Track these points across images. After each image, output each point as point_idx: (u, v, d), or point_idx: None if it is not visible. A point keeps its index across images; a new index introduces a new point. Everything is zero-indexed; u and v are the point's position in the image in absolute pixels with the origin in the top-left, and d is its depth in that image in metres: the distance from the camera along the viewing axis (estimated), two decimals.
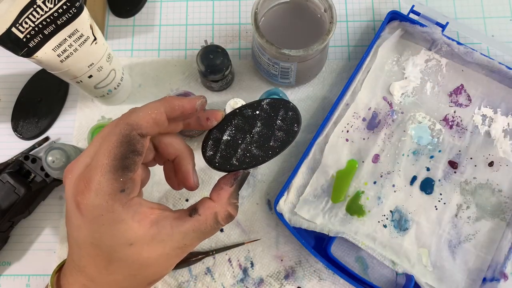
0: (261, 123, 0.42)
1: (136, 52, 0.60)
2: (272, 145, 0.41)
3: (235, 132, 0.42)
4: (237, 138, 0.42)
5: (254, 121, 0.42)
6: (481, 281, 0.49)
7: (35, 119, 0.57)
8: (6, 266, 0.53)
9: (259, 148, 0.42)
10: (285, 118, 0.42)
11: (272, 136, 0.42)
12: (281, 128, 0.42)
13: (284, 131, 0.42)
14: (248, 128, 0.42)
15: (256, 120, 0.42)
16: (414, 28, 0.56)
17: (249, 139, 0.42)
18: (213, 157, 0.41)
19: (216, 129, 0.41)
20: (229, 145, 0.41)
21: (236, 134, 0.42)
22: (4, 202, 0.50)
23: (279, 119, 0.42)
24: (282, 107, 0.42)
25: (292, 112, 0.41)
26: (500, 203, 0.52)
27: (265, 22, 0.52)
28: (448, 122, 0.55)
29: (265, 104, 0.41)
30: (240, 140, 0.41)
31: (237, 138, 0.42)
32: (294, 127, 0.41)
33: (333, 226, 0.51)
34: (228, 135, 0.41)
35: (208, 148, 0.40)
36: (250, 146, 0.42)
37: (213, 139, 0.41)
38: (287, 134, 0.41)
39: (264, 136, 0.42)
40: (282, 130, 0.42)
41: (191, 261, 0.52)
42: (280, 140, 0.42)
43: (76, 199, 0.27)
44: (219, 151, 0.41)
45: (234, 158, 0.41)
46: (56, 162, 0.48)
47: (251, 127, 0.42)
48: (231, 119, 0.41)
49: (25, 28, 0.40)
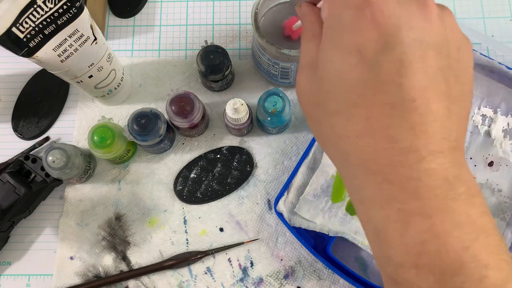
0: (221, 164, 0.53)
1: (137, 52, 0.60)
2: (229, 182, 0.53)
3: (200, 171, 0.53)
4: (201, 176, 0.53)
5: (216, 162, 0.54)
6: None
7: (35, 119, 0.57)
8: (6, 266, 0.53)
9: (219, 184, 0.53)
10: (240, 160, 0.54)
11: (229, 174, 0.53)
12: (236, 168, 0.53)
13: (239, 171, 0.54)
14: (210, 168, 0.53)
15: (217, 162, 0.54)
16: None
17: (211, 177, 0.53)
18: (182, 191, 0.53)
19: (186, 168, 0.54)
20: (195, 181, 0.53)
21: (201, 172, 0.53)
22: (4, 202, 0.50)
23: (235, 161, 0.53)
24: (237, 151, 0.54)
25: (246, 156, 0.54)
26: (500, 203, 0.52)
27: (265, 22, 0.53)
28: None
29: (224, 149, 0.54)
30: (204, 178, 0.53)
31: (202, 176, 0.53)
32: (247, 167, 0.54)
33: (333, 226, 0.51)
34: (194, 173, 0.53)
35: (178, 183, 0.53)
36: (212, 182, 0.53)
37: (182, 176, 0.53)
38: (241, 173, 0.54)
39: (223, 175, 0.53)
40: (237, 170, 0.53)
41: (191, 260, 0.52)
42: (236, 177, 0.53)
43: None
44: (187, 186, 0.53)
45: (199, 192, 0.53)
46: (56, 162, 0.48)
47: (213, 167, 0.53)
48: (198, 161, 0.54)
49: (25, 28, 0.40)
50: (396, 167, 0.21)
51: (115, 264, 0.52)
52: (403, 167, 0.21)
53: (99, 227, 0.54)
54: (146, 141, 0.49)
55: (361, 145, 0.22)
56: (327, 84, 0.23)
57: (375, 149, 0.22)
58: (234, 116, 0.49)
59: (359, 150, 0.23)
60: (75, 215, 0.54)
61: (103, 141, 0.49)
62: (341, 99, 0.23)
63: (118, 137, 0.50)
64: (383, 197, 0.22)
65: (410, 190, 0.21)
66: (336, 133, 0.24)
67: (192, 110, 0.50)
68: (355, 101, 0.22)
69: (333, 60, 0.23)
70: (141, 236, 0.53)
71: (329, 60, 0.23)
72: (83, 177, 0.53)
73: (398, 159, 0.21)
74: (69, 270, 0.52)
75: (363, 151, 0.22)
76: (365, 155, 0.22)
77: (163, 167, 0.55)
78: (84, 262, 0.53)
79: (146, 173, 0.55)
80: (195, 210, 0.54)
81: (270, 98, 0.49)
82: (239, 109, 0.49)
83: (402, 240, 0.21)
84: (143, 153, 0.56)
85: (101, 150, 0.50)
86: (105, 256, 0.53)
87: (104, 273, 0.52)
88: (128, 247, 0.53)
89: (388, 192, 0.22)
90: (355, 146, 0.23)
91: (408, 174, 0.21)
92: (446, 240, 0.21)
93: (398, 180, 0.21)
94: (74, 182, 0.54)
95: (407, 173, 0.21)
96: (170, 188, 0.55)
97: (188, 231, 0.53)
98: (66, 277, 0.52)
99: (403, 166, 0.21)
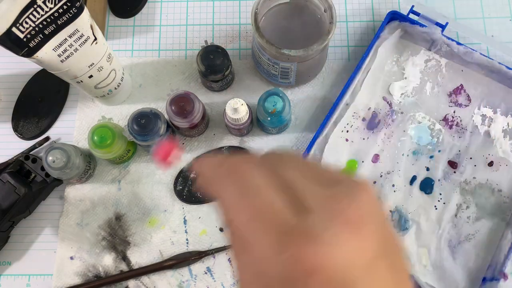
0: None
1: (137, 52, 0.60)
2: None
3: None
4: None
5: None
6: (480, 281, 0.49)
7: (35, 119, 0.57)
8: (6, 266, 0.53)
9: None
10: None
11: None
12: None
13: None
14: None
15: None
16: (413, 28, 0.56)
17: None
18: (182, 191, 0.53)
19: (185, 168, 0.53)
20: (195, 181, 0.47)
21: None
22: (4, 202, 0.50)
23: None
24: (237, 151, 0.53)
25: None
26: (500, 203, 0.52)
27: (265, 22, 0.53)
28: (447, 122, 0.55)
29: (224, 149, 0.54)
30: None
31: None
32: None
33: None
34: (194, 173, 0.51)
35: (178, 183, 0.53)
36: None
37: (182, 176, 0.53)
38: None
39: None
40: None
41: (191, 260, 0.52)
42: None
43: None
44: (187, 186, 0.52)
45: (199, 192, 0.53)
46: (56, 162, 0.48)
47: None
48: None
49: (25, 28, 0.40)
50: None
51: (115, 264, 0.52)
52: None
53: (99, 227, 0.54)
54: (146, 141, 0.49)
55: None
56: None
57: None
58: (234, 116, 0.49)
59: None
60: (75, 215, 0.54)
61: (103, 141, 0.49)
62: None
63: (118, 137, 0.50)
64: None
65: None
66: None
67: (192, 110, 0.50)
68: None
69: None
70: (141, 236, 0.53)
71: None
72: (83, 177, 0.53)
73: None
74: (69, 270, 0.52)
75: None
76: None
77: (161, 167, 0.55)
78: (84, 262, 0.53)
79: (146, 173, 0.55)
80: (195, 210, 0.54)
81: (270, 98, 0.49)
82: (239, 109, 0.49)
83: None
84: (143, 153, 0.56)
85: (101, 150, 0.50)
86: (105, 256, 0.53)
87: (104, 273, 0.52)
88: (128, 247, 0.53)
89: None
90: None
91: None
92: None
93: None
94: (74, 182, 0.54)
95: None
96: (170, 188, 0.55)
97: (188, 231, 0.53)
98: (66, 277, 0.52)
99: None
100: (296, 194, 0.20)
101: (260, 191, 0.21)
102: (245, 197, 0.21)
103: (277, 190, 0.20)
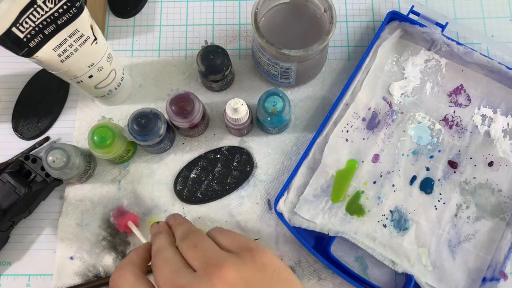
0: (221, 164, 0.53)
1: (137, 52, 0.60)
2: (229, 182, 0.53)
3: (200, 171, 0.53)
4: (201, 176, 0.53)
5: (216, 162, 0.53)
6: (480, 281, 0.49)
7: (35, 119, 0.57)
8: (6, 266, 0.53)
9: (219, 184, 0.53)
10: (240, 160, 0.54)
11: (229, 174, 0.53)
12: (236, 168, 0.53)
13: (239, 171, 0.54)
14: (210, 168, 0.53)
15: (217, 162, 0.54)
16: (413, 28, 0.56)
17: (211, 177, 0.53)
18: (182, 191, 0.53)
19: (185, 168, 0.54)
20: (195, 181, 0.53)
21: (201, 172, 0.53)
22: (4, 202, 0.50)
23: (235, 161, 0.53)
24: (237, 151, 0.54)
25: (246, 156, 0.54)
26: (500, 203, 0.52)
27: (265, 22, 0.53)
28: (447, 122, 0.55)
29: (224, 149, 0.54)
30: (204, 178, 0.53)
31: (202, 176, 0.53)
32: (247, 167, 0.53)
33: (333, 226, 0.51)
34: (194, 173, 0.53)
35: (178, 183, 0.53)
36: (212, 182, 0.53)
37: (182, 176, 0.53)
38: (241, 173, 0.54)
39: (223, 175, 0.53)
40: (237, 170, 0.53)
41: None
42: (236, 177, 0.53)
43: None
44: (187, 186, 0.53)
45: (199, 192, 0.53)
46: (56, 162, 0.48)
47: (213, 167, 0.53)
48: (198, 161, 0.54)
49: (25, 28, 0.40)
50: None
51: (115, 264, 0.52)
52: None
53: (99, 227, 0.54)
54: (146, 141, 0.49)
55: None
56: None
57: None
58: (234, 116, 0.49)
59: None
60: (75, 215, 0.54)
61: (103, 141, 0.49)
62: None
63: (118, 137, 0.50)
64: None
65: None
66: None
67: (192, 110, 0.50)
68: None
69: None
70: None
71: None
72: (83, 177, 0.53)
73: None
74: (69, 270, 0.52)
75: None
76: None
77: (163, 167, 0.55)
78: (84, 262, 0.53)
79: (146, 173, 0.55)
80: (195, 210, 0.54)
81: (270, 98, 0.49)
82: (239, 109, 0.49)
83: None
84: (143, 153, 0.56)
85: (101, 150, 0.50)
86: (105, 256, 0.53)
87: (104, 273, 0.52)
88: (128, 247, 0.53)
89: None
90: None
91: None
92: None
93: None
94: (74, 182, 0.54)
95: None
96: (170, 188, 0.55)
97: None
98: (66, 277, 0.52)
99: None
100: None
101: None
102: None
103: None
